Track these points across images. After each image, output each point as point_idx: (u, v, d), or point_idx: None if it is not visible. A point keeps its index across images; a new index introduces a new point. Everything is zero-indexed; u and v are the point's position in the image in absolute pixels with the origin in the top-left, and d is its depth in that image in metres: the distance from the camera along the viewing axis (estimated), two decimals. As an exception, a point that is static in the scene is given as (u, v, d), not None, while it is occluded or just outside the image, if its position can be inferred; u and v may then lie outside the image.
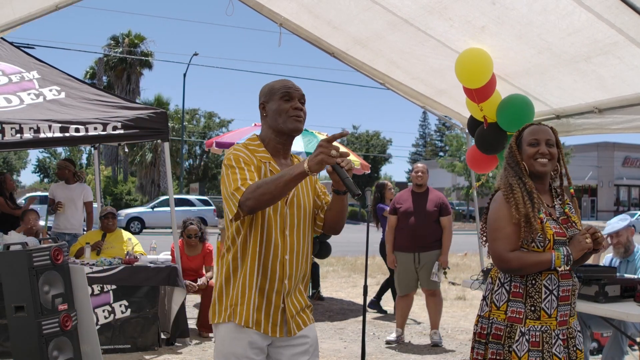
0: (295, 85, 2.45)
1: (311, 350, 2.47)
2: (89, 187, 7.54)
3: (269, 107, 2.43)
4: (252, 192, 2.21)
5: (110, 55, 37.67)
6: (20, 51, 6.78)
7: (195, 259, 6.53)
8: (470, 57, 4.35)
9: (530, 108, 4.63)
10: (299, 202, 2.44)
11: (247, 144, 2.45)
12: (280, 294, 2.37)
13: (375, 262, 13.72)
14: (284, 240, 2.37)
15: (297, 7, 5.03)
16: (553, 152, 2.79)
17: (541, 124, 2.90)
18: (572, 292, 2.73)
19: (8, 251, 3.88)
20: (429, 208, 6.06)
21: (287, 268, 2.37)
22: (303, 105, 2.43)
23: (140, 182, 38.29)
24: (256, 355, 2.36)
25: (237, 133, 9.04)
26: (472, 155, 5.26)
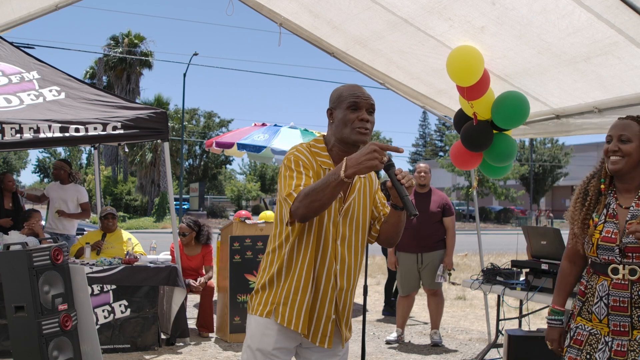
0: (365, 94, 2.36)
1: (340, 354, 2.47)
2: (83, 188, 7.51)
3: (336, 115, 2.37)
4: (301, 200, 2.17)
5: (110, 55, 37.67)
6: (20, 51, 6.78)
7: (195, 259, 6.54)
8: (461, 55, 4.35)
9: (525, 104, 4.62)
10: (354, 214, 2.39)
11: (312, 145, 2.42)
12: (332, 303, 2.36)
13: (375, 262, 13.72)
14: (335, 250, 2.34)
15: (297, 7, 5.03)
16: (626, 148, 2.56)
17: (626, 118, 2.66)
18: (632, 305, 2.51)
19: (8, 251, 3.88)
20: (432, 208, 6.05)
21: (338, 278, 2.35)
22: (371, 114, 2.35)
23: (140, 182, 38.30)
24: (282, 354, 2.37)
25: (237, 133, 9.04)
26: (456, 151, 5.22)
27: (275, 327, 2.35)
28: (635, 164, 2.58)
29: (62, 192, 7.21)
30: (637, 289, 2.51)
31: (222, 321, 6.15)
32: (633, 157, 2.56)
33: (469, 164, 5.30)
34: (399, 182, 2.18)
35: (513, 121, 4.69)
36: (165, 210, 32.93)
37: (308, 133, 8.56)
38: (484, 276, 5.14)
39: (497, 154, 4.91)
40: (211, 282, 6.46)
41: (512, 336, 4.43)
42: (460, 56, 4.34)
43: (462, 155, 5.17)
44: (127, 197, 40.65)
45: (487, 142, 4.85)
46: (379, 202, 2.50)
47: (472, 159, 5.16)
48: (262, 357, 2.35)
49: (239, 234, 6.06)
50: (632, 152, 2.56)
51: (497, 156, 4.92)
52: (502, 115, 4.64)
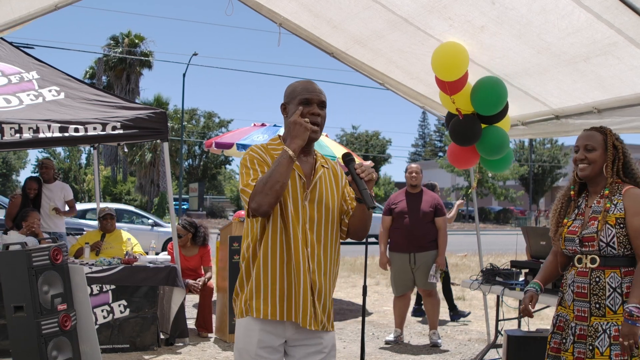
0: (317, 89, 2.47)
1: (326, 351, 2.48)
2: (68, 186, 7.55)
3: (289, 109, 2.47)
4: (262, 189, 2.27)
5: (110, 55, 37.66)
6: (19, 51, 6.78)
7: (193, 259, 6.54)
8: (448, 50, 4.39)
9: (498, 86, 4.61)
10: (321, 199, 2.45)
11: (268, 144, 2.52)
12: (307, 285, 2.37)
13: (374, 262, 13.72)
14: (304, 235, 2.39)
15: (296, 7, 5.02)
16: (591, 156, 2.90)
17: (590, 129, 3.00)
18: (593, 290, 2.81)
19: (7, 251, 3.88)
20: (424, 208, 6.06)
21: (308, 261, 2.38)
22: (322, 109, 2.46)
23: (139, 182, 38.27)
24: (269, 354, 2.38)
25: (236, 133, 9.04)
26: (452, 151, 5.25)
27: (257, 326, 2.38)
28: (600, 170, 2.91)
29: (49, 192, 7.22)
30: (595, 276, 2.83)
31: (222, 321, 6.15)
32: (598, 163, 2.90)
33: (467, 162, 5.30)
34: (357, 176, 2.29)
35: (491, 104, 4.66)
36: (165, 210, 32.92)
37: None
38: (484, 276, 5.14)
39: (489, 147, 4.91)
40: (210, 283, 6.46)
41: (512, 336, 4.42)
42: (447, 52, 4.38)
43: (457, 154, 5.18)
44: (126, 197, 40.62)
45: (475, 135, 4.86)
46: (347, 196, 2.56)
47: (468, 157, 5.16)
48: (248, 357, 2.38)
49: (238, 234, 6.05)
50: (596, 159, 2.90)
51: (489, 149, 4.92)
52: (480, 101, 4.65)
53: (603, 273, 2.81)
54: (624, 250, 2.81)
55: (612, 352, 2.70)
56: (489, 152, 4.95)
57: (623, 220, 2.81)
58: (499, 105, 4.66)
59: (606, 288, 2.79)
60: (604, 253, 2.82)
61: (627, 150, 2.95)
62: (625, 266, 2.79)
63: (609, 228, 2.81)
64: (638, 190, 2.85)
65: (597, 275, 2.82)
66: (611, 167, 2.90)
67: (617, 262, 2.81)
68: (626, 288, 2.76)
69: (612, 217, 2.82)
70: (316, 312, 2.40)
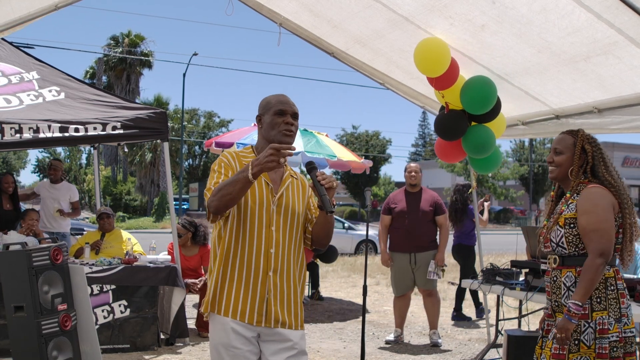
0: (290, 102, 2.64)
1: (297, 348, 2.55)
2: (74, 187, 7.56)
3: (264, 120, 2.62)
4: (215, 194, 2.39)
5: (110, 55, 37.66)
6: (20, 51, 6.78)
7: (193, 259, 6.54)
8: (427, 46, 4.42)
9: (488, 86, 4.62)
10: (288, 204, 2.59)
11: (239, 152, 2.68)
12: (265, 285, 2.49)
13: (374, 262, 13.72)
14: (269, 235, 2.51)
15: (296, 6, 5.02)
16: (558, 159, 3.03)
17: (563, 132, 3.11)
18: (553, 289, 2.97)
19: (7, 251, 3.88)
20: (424, 208, 6.06)
21: (272, 261, 2.50)
22: (295, 120, 2.61)
23: (139, 182, 38.30)
24: (243, 345, 2.47)
25: (236, 133, 9.04)
26: (438, 144, 5.28)
27: (228, 318, 2.48)
28: (567, 172, 3.02)
29: (54, 191, 7.22)
30: (554, 276, 2.97)
31: (222, 321, 6.14)
32: (564, 166, 3.02)
33: (453, 157, 5.31)
34: (318, 182, 2.43)
35: (478, 104, 4.67)
36: (165, 210, 32.94)
37: (307, 133, 8.56)
38: (484, 276, 5.14)
39: (472, 145, 4.92)
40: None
41: (512, 336, 4.42)
42: (427, 48, 4.42)
43: (443, 147, 5.21)
44: (126, 197, 40.66)
45: (458, 130, 4.87)
46: (312, 206, 2.72)
47: (454, 152, 5.17)
48: (225, 350, 2.47)
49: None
50: (562, 163, 3.02)
51: (472, 147, 4.93)
52: (468, 99, 4.67)
53: (560, 272, 2.94)
54: (576, 250, 2.89)
55: (553, 346, 2.85)
56: (472, 150, 4.97)
57: (573, 220, 2.89)
58: (486, 105, 4.67)
59: (562, 287, 2.91)
60: (559, 253, 2.95)
61: (598, 154, 3.00)
62: (581, 265, 2.85)
63: (558, 229, 2.94)
64: (594, 189, 2.91)
65: (555, 275, 2.97)
66: (577, 171, 2.99)
67: (573, 261, 2.90)
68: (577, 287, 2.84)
69: (562, 217, 2.94)
70: (269, 310, 2.49)
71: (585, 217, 2.85)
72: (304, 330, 2.63)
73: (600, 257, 2.78)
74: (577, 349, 2.79)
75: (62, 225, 7.24)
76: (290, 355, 2.52)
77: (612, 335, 2.78)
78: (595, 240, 2.80)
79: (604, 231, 2.81)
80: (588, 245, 2.83)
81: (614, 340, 2.78)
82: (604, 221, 2.83)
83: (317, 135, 8.63)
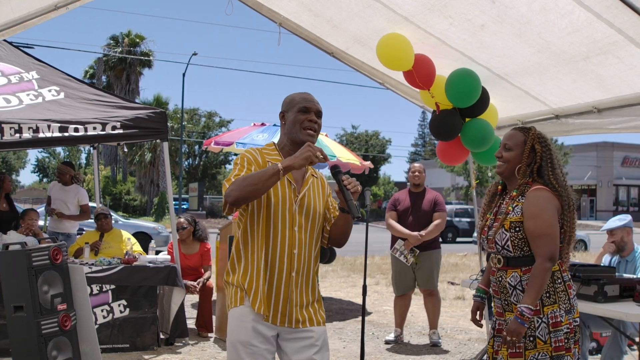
0: (315, 100, 2.64)
1: (318, 344, 2.55)
2: (84, 190, 7.57)
3: (287, 117, 2.63)
4: (238, 184, 2.38)
5: (110, 55, 37.65)
6: (19, 51, 6.78)
7: (193, 258, 6.54)
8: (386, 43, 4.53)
9: (471, 77, 4.63)
10: (309, 204, 2.59)
11: (262, 149, 2.66)
12: (289, 286, 2.51)
13: (374, 262, 13.73)
14: (292, 236, 2.52)
15: (296, 6, 5.01)
16: (506, 155, 3.01)
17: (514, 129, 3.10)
18: (499, 288, 2.98)
19: (7, 251, 3.87)
20: (426, 207, 6.06)
21: (295, 262, 2.51)
22: (319, 118, 2.61)
23: (139, 182, 38.30)
24: (261, 343, 2.47)
25: (235, 133, 9.04)
26: (439, 148, 5.29)
27: (250, 316, 2.47)
28: (513, 170, 3.00)
29: (63, 194, 7.25)
30: (499, 276, 2.98)
31: (221, 321, 6.15)
32: (512, 163, 2.99)
33: (456, 158, 5.32)
34: (344, 187, 2.44)
35: (464, 96, 4.69)
36: (165, 210, 32.92)
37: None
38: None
39: (472, 139, 4.92)
40: (210, 282, 6.45)
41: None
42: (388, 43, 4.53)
43: (445, 150, 5.23)
44: (126, 197, 40.66)
45: (453, 128, 4.89)
46: (330, 205, 2.72)
47: (455, 152, 5.18)
48: (243, 348, 2.46)
49: (238, 234, 6.04)
50: (510, 159, 3.00)
51: (472, 141, 4.94)
52: (453, 94, 4.69)
53: (505, 273, 2.95)
54: (521, 252, 2.90)
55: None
56: (473, 145, 4.98)
57: (519, 223, 2.89)
58: (473, 95, 4.68)
59: (507, 287, 2.94)
60: (504, 254, 2.95)
61: (547, 154, 2.98)
62: (526, 265, 2.89)
63: (503, 232, 2.93)
64: (539, 192, 2.90)
65: (500, 275, 2.98)
66: (524, 169, 2.97)
67: (518, 262, 2.91)
68: (525, 285, 2.87)
69: (508, 221, 2.93)
70: (291, 311, 2.51)
71: (532, 221, 2.85)
72: (325, 326, 2.64)
73: (549, 261, 2.81)
74: (534, 345, 2.83)
75: (68, 226, 7.26)
76: (314, 352, 2.53)
77: (564, 327, 2.84)
78: (544, 244, 2.82)
79: (552, 236, 2.83)
80: (536, 249, 2.84)
81: (566, 331, 2.84)
82: (551, 226, 2.84)
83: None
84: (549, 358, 2.81)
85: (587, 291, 3.99)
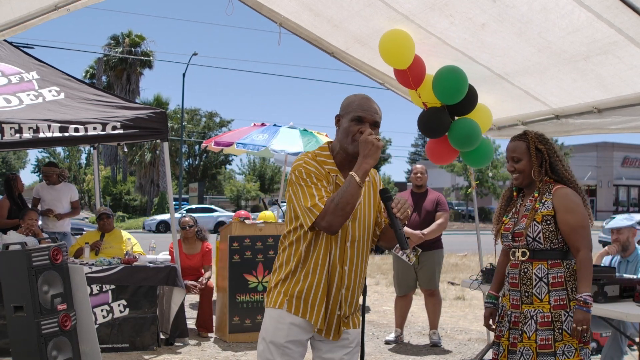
0: (373, 108, 2.46)
1: (352, 346, 2.56)
2: (74, 187, 7.61)
3: (342, 123, 2.49)
4: (333, 211, 2.29)
5: (110, 55, 37.65)
6: (19, 51, 6.78)
7: (194, 257, 6.54)
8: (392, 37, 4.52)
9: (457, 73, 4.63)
10: (362, 215, 2.50)
11: (317, 154, 2.51)
12: (337, 302, 2.47)
13: (374, 262, 13.73)
14: (343, 252, 2.45)
15: (297, 6, 5.01)
16: (518, 166, 3.20)
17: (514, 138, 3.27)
18: (523, 280, 3.12)
19: (7, 251, 3.87)
20: (428, 208, 6.07)
21: (345, 279, 2.46)
22: (375, 129, 2.45)
23: (139, 182, 38.30)
24: (295, 346, 2.46)
25: (236, 133, 9.04)
26: (428, 147, 5.31)
27: (288, 319, 2.44)
28: (530, 176, 3.18)
29: (55, 193, 7.25)
30: (524, 267, 3.11)
31: (221, 321, 6.15)
32: (526, 171, 3.19)
33: (444, 157, 5.32)
34: (394, 215, 2.33)
35: (451, 92, 4.69)
36: (165, 210, 32.91)
37: (307, 133, 8.56)
38: (483, 276, 5.13)
39: (458, 138, 4.93)
40: (210, 282, 6.46)
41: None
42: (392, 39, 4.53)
43: (433, 149, 5.24)
44: (126, 197, 40.65)
45: (441, 125, 4.90)
46: (382, 208, 2.58)
47: (444, 151, 5.18)
48: (275, 349, 2.45)
49: (238, 234, 6.05)
50: (524, 168, 3.19)
51: (458, 140, 4.94)
52: (440, 90, 4.70)
53: (531, 265, 3.11)
54: (550, 245, 3.07)
55: (538, 337, 3.00)
56: (460, 144, 4.98)
57: (550, 217, 3.07)
58: (459, 92, 4.68)
59: (533, 278, 3.08)
60: (532, 247, 3.10)
61: (552, 150, 3.19)
62: (552, 259, 3.07)
63: (535, 225, 3.09)
64: (566, 189, 3.11)
65: (525, 267, 3.12)
66: (538, 171, 3.16)
67: (544, 255, 3.08)
68: (552, 278, 3.04)
69: (539, 214, 3.09)
70: (338, 325, 2.49)
71: (571, 215, 3.03)
72: (359, 328, 2.63)
73: (590, 250, 3.02)
74: (561, 337, 2.99)
75: (63, 225, 7.27)
76: (347, 352, 2.53)
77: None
78: (584, 235, 3.02)
79: (588, 227, 3.06)
80: (578, 240, 3.01)
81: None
82: (587, 218, 3.06)
83: (316, 135, 8.63)
84: (574, 349, 2.99)
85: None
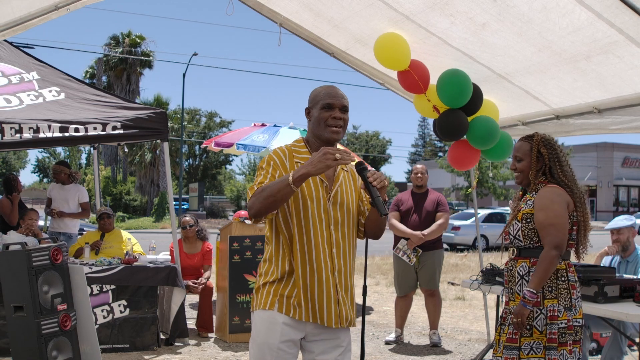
0: (339, 94, 2.55)
1: (344, 345, 2.55)
2: (84, 188, 7.60)
3: (312, 114, 2.56)
4: (258, 195, 2.34)
5: (110, 55, 37.64)
6: (20, 51, 6.78)
7: (194, 257, 6.54)
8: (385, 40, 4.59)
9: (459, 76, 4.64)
10: (343, 201, 2.53)
11: (292, 145, 2.59)
12: (334, 285, 2.46)
13: (374, 263, 13.72)
14: (329, 235, 2.47)
15: (297, 6, 5.01)
16: (519, 166, 3.32)
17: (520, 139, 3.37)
18: (509, 277, 3.28)
19: (7, 251, 3.88)
20: (429, 208, 6.06)
21: (335, 261, 2.47)
22: (344, 113, 2.53)
23: (139, 182, 38.26)
24: (289, 348, 2.45)
25: (236, 133, 9.03)
26: (451, 154, 5.30)
27: (280, 319, 2.43)
28: (528, 177, 3.27)
29: (63, 193, 7.27)
30: (510, 265, 3.28)
31: (222, 321, 6.15)
32: (525, 172, 3.29)
33: (468, 162, 5.32)
34: (370, 184, 2.36)
35: (456, 95, 4.70)
36: (165, 210, 32.91)
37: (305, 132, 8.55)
38: (483, 276, 5.13)
39: (479, 136, 4.93)
40: (210, 282, 6.46)
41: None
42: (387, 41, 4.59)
43: (456, 155, 5.22)
44: (126, 197, 40.63)
45: (461, 125, 4.89)
46: (364, 197, 2.64)
47: (467, 156, 5.19)
48: (269, 351, 2.43)
49: (238, 234, 6.06)
50: (524, 169, 3.30)
51: (480, 138, 4.94)
52: (445, 94, 4.71)
53: (516, 263, 3.24)
54: (531, 242, 3.17)
55: (509, 331, 3.13)
56: (482, 142, 4.98)
57: (530, 215, 3.17)
58: (465, 93, 4.68)
59: (516, 275, 3.21)
60: (516, 245, 3.24)
61: (554, 155, 3.24)
62: (535, 257, 3.14)
63: (515, 223, 3.23)
64: (551, 188, 3.18)
65: (511, 265, 3.28)
66: (535, 173, 3.25)
67: (528, 253, 3.19)
68: (531, 276, 3.11)
69: (520, 213, 3.23)
70: (341, 310, 2.48)
71: (542, 212, 3.11)
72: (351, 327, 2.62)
73: (555, 249, 3.04)
74: (530, 333, 3.06)
75: (69, 225, 7.27)
76: (340, 352, 2.53)
77: (561, 322, 3.05)
78: (551, 233, 3.06)
79: (559, 225, 3.08)
80: (544, 238, 3.09)
81: (563, 326, 3.04)
82: (558, 216, 3.09)
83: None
84: (543, 347, 3.04)
85: (587, 291, 3.98)
